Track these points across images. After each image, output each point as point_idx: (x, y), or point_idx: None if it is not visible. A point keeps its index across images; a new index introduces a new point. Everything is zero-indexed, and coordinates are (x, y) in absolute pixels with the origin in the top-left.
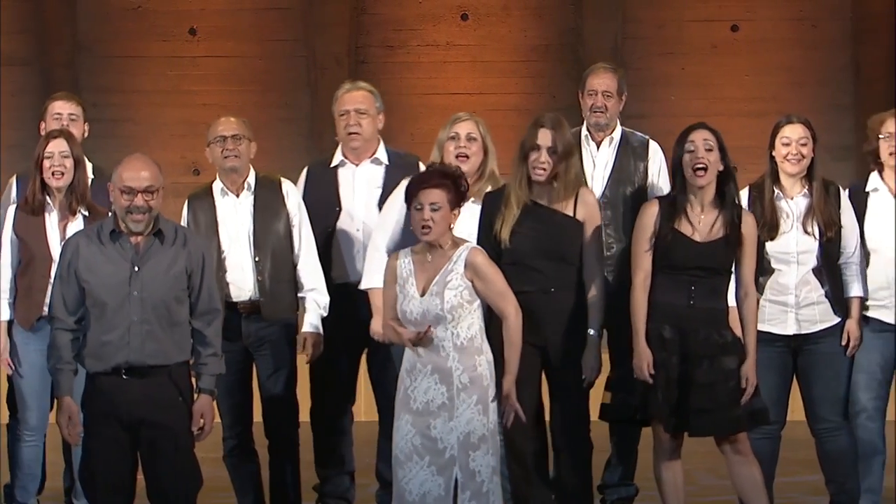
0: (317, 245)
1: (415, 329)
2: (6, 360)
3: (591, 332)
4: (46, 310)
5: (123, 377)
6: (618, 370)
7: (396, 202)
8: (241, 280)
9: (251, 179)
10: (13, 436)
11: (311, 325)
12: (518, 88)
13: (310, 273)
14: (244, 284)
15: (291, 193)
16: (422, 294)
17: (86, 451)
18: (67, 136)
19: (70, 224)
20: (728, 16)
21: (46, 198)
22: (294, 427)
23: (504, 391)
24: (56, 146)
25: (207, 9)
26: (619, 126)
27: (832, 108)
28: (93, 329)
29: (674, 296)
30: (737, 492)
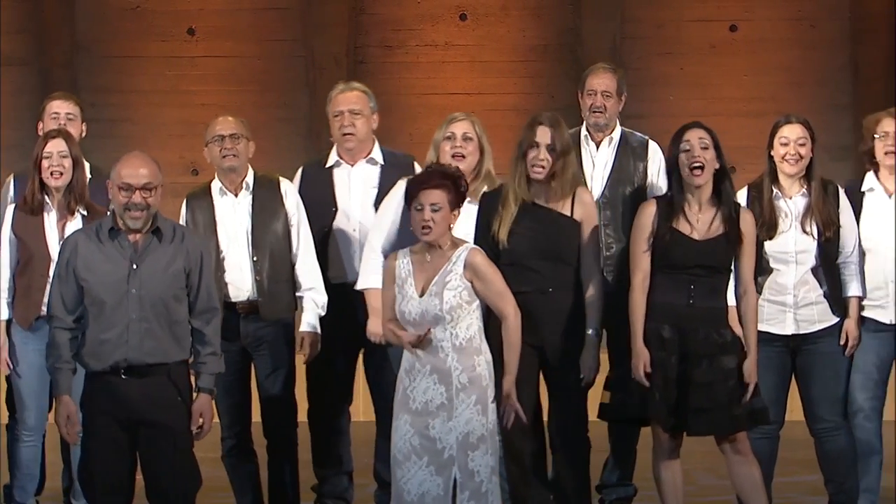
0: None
1: (414, 329)
2: (5, 360)
3: (590, 332)
4: (45, 309)
5: (122, 377)
6: (617, 370)
7: (392, 202)
8: (240, 280)
9: (249, 179)
10: (12, 436)
11: (309, 325)
12: (517, 88)
13: (308, 272)
14: (242, 284)
15: (290, 193)
16: (421, 294)
17: (85, 452)
18: (66, 136)
19: (69, 223)
20: (727, 16)
21: (45, 197)
22: (292, 427)
23: (504, 392)
24: (55, 146)
25: (206, 9)
26: (619, 126)
27: (831, 108)
28: (91, 328)
29: (673, 295)
30: (736, 491)
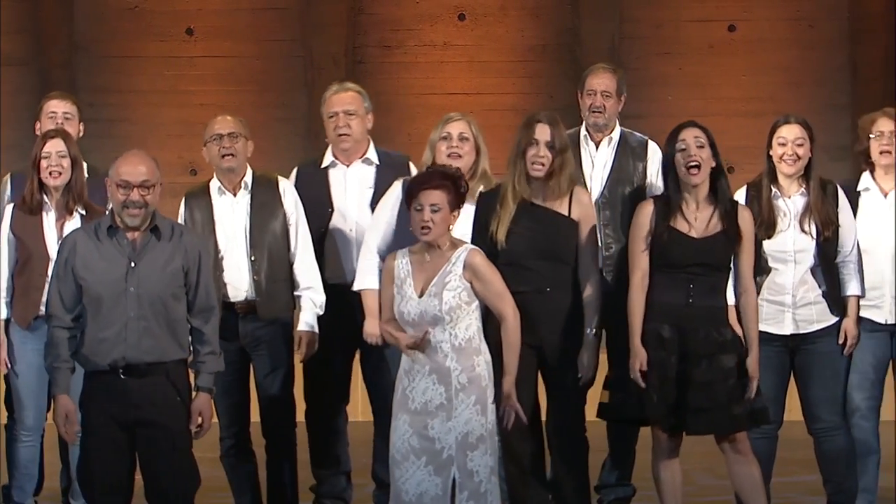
0: None
1: (412, 330)
2: (3, 360)
3: (588, 332)
4: (44, 309)
5: (121, 377)
6: (616, 370)
7: (388, 203)
8: (238, 280)
9: (248, 178)
10: (10, 436)
11: (307, 324)
12: (515, 88)
13: (306, 271)
14: (240, 284)
15: (288, 192)
16: (420, 295)
17: (84, 451)
18: (64, 136)
19: (67, 223)
20: (725, 16)
21: (44, 197)
22: (291, 427)
23: (504, 392)
24: (53, 146)
25: (204, 9)
26: (618, 126)
27: (829, 108)
28: (90, 326)
29: (672, 295)
30: (736, 491)
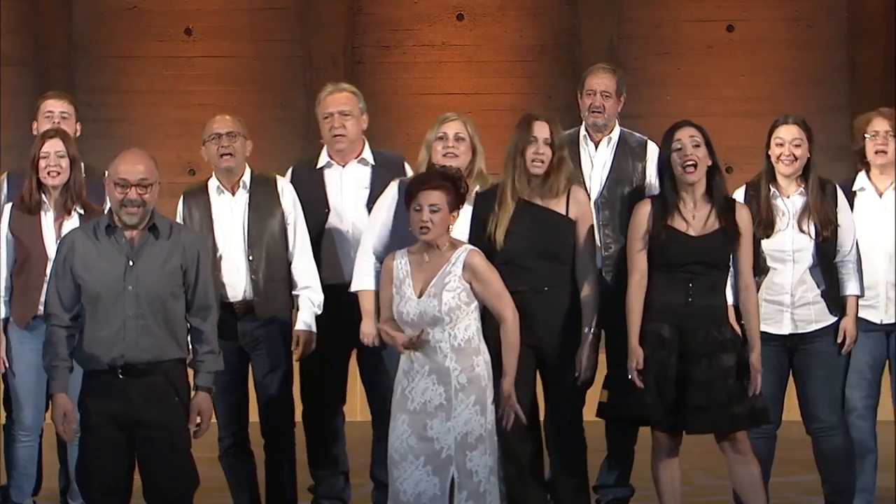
0: None
1: (411, 331)
2: (2, 359)
3: (586, 331)
4: (42, 308)
5: (120, 376)
6: (616, 370)
7: (384, 204)
8: (236, 280)
9: (246, 178)
10: (8, 436)
11: (304, 324)
12: (514, 88)
13: (304, 271)
14: (239, 284)
15: (287, 191)
16: (419, 295)
17: (82, 451)
18: (63, 136)
19: (66, 223)
20: (724, 16)
21: (42, 197)
22: (290, 427)
23: (504, 393)
24: (52, 146)
25: (203, 9)
26: (618, 126)
27: (828, 108)
28: (88, 325)
29: (672, 294)
30: (735, 490)
